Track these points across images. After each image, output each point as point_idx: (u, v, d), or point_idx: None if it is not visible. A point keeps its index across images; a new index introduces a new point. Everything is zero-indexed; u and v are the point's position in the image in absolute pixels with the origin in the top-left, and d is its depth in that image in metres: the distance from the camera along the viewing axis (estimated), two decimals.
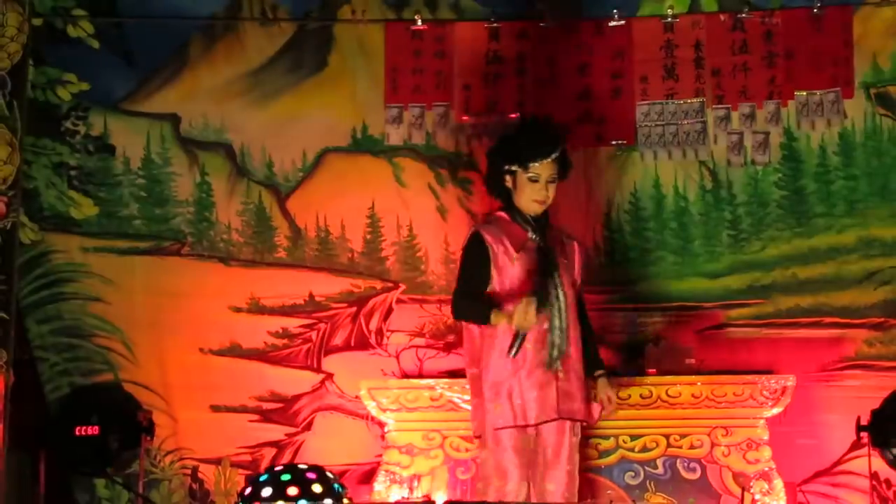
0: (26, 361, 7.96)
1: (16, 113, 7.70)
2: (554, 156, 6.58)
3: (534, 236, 6.59)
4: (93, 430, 5.95)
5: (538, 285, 6.40)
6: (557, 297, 6.53)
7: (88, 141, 8.32)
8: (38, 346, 8.12)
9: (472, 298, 6.54)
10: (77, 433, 6.01)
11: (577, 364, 6.56)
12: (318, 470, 6.66)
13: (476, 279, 6.59)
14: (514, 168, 6.60)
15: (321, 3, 8.45)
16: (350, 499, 6.87)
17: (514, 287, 6.54)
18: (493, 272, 6.55)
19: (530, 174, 6.55)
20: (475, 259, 6.63)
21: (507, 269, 6.56)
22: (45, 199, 8.24)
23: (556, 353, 6.48)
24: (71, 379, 8.04)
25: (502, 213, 6.69)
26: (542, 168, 6.56)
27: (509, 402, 6.46)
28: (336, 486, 6.48)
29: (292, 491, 6.33)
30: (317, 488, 6.37)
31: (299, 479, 6.50)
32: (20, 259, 7.97)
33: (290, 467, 6.76)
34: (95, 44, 8.33)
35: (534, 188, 6.56)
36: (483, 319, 6.45)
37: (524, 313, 6.24)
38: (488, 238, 6.59)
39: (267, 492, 6.51)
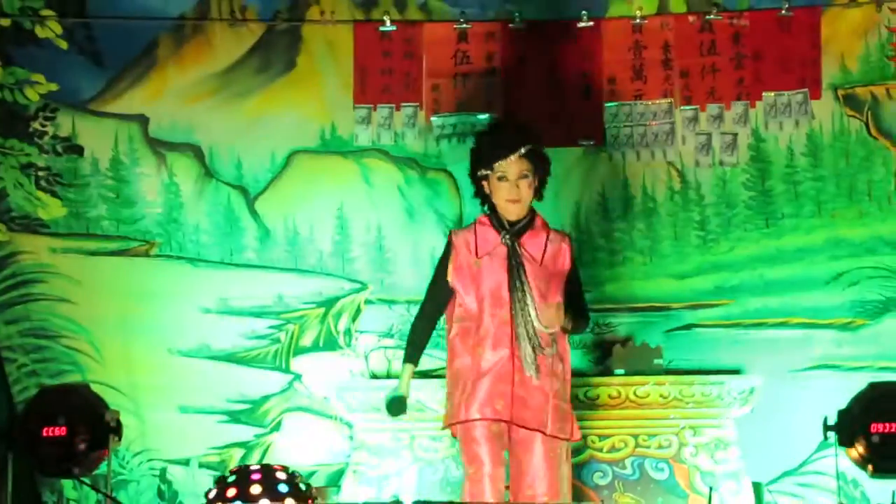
0: None
1: None
2: (520, 152, 6.50)
3: (506, 240, 6.52)
4: (60, 431, 5.90)
5: (394, 401, 6.60)
6: (525, 304, 6.47)
7: (56, 141, 8.37)
8: (6, 347, 8.18)
9: (416, 335, 6.72)
10: (44, 434, 5.96)
11: (545, 378, 6.44)
12: (266, 470, 6.66)
13: (437, 283, 6.65)
14: (485, 172, 6.56)
15: (290, 4, 8.49)
16: (318, 499, 6.83)
17: (477, 288, 6.53)
18: (452, 271, 6.55)
19: (498, 174, 6.49)
20: (441, 262, 6.67)
21: (470, 269, 6.54)
22: (12, 199, 8.29)
23: (527, 360, 6.41)
24: (39, 380, 8.07)
25: (483, 218, 6.65)
26: (508, 165, 6.49)
27: (462, 396, 6.45)
28: (280, 486, 6.50)
29: (231, 492, 6.40)
30: (255, 489, 6.43)
31: (242, 479, 6.55)
32: None
33: (240, 469, 6.75)
34: (64, 44, 8.36)
35: (504, 187, 6.50)
36: (403, 356, 6.74)
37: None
38: (455, 240, 6.62)
39: (216, 492, 6.47)
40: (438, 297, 6.64)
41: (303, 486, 6.60)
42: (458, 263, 6.55)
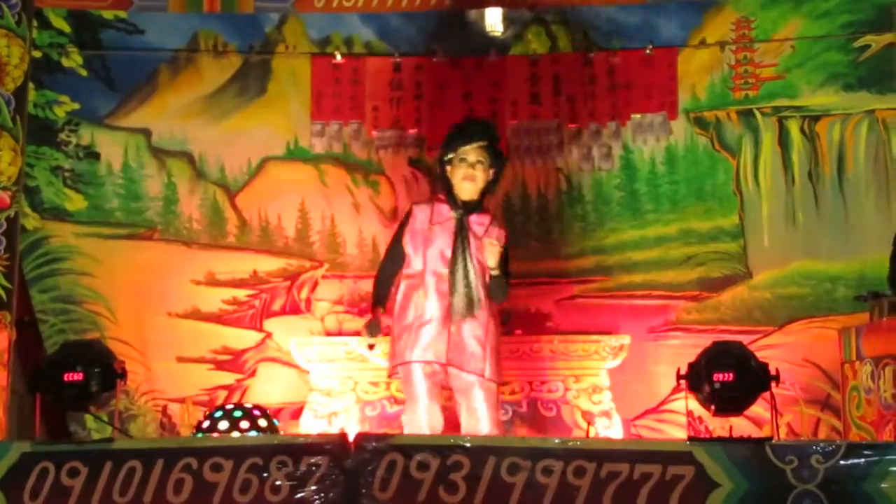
0: (29, 323, 7.96)
1: (18, 125, 7.24)
2: (481, 143, 6.37)
3: (456, 214, 6.35)
4: (78, 377, 5.94)
5: (372, 323, 6.39)
6: (466, 266, 6.29)
7: (79, 149, 8.34)
8: (40, 311, 8.15)
9: (379, 288, 6.47)
10: (65, 379, 6.04)
11: (478, 329, 6.27)
12: (244, 407, 6.93)
13: (394, 245, 6.48)
14: (450, 156, 6.41)
15: (262, 41, 8.44)
16: (281, 429, 7.29)
17: (426, 249, 6.36)
18: (406, 234, 6.41)
19: (460, 156, 6.36)
20: (399, 228, 6.52)
21: (423, 234, 6.38)
22: (44, 194, 8.26)
23: (456, 311, 6.24)
24: (66, 336, 7.98)
25: (441, 196, 6.47)
26: (469, 151, 6.35)
27: (406, 341, 6.28)
28: (255, 419, 6.78)
29: (223, 425, 6.74)
30: (244, 424, 6.72)
31: (229, 415, 6.82)
32: (25, 242, 7.94)
33: (223, 407, 7.03)
34: (84, 72, 8.33)
35: (462, 167, 6.36)
36: (372, 302, 6.52)
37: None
38: (415, 209, 6.48)
39: (205, 424, 6.92)
40: (395, 257, 6.45)
41: (271, 419, 7.04)
42: (413, 228, 6.38)
